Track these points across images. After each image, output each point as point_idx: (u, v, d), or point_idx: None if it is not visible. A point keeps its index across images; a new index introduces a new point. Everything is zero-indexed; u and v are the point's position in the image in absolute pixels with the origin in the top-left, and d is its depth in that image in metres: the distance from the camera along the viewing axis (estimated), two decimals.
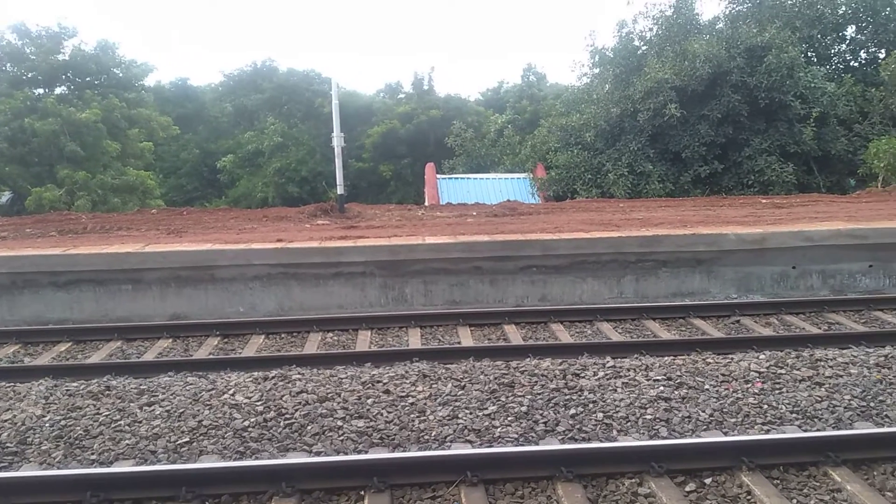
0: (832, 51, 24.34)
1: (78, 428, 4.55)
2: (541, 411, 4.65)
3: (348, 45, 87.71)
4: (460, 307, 8.42)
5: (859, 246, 8.94)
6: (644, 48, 22.30)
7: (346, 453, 4.18)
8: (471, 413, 4.64)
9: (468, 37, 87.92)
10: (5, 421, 4.70)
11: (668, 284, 8.87)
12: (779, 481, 3.84)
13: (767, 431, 4.36)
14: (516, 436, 4.35)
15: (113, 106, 30.30)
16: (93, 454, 4.24)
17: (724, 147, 19.90)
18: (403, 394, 4.97)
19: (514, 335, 7.19)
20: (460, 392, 4.97)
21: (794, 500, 3.66)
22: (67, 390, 5.21)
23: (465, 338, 7.18)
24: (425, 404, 4.79)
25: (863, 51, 24.45)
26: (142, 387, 5.24)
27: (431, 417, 4.59)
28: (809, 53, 23.17)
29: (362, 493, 3.76)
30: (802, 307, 7.98)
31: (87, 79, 32.27)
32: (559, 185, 20.80)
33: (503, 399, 4.84)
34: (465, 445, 4.23)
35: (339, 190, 13.53)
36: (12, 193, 29.37)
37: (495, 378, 5.21)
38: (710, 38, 20.28)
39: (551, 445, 4.12)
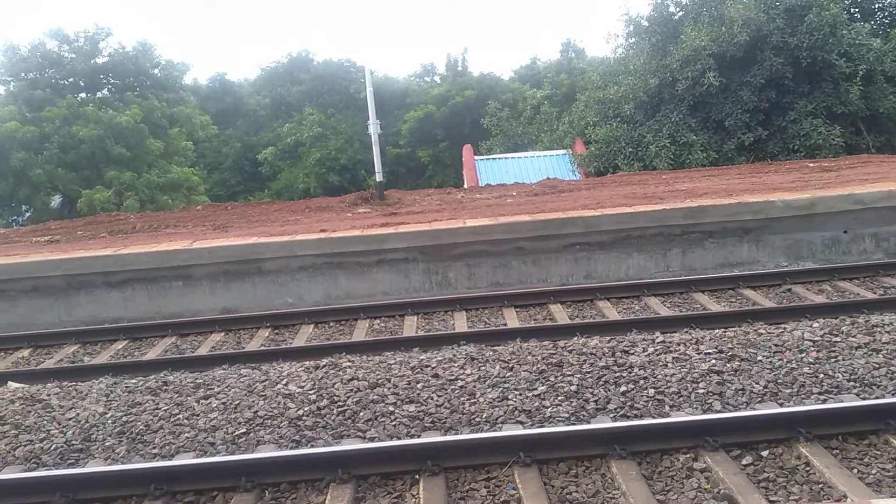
0: (876, 5, 23.43)
1: (139, 423, 4.69)
2: (591, 390, 4.64)
3: (381, 33, 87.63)
4: (504, 289, 8.41)
5: None
6: (680, 14, 21.77)
7: (399, 438, 4.23)
8: (520, 394, 4.64)
9: (500, 14, 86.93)
10: (70, 419, 4.87)
11: (715, 256, 8.72)
12: (838, 451, 3.77)
13: (824, 401, 4.27)
14: (567, 415, 4.34)
15: (153, 107, 30.89)
16: (154, 448, 4.37)
17: (767, 112, 19.37)
18: (452, 377, 4.99)
19: (561, 314, 7.17)
20: (509, 373, 4.98)
21: (855, 470, 3.60)
22: (127, 387, 5.37)
23: (511, 319, 7.18)
24: (474, 387, 4.81)
25: None
26: (198, 380, 5.37)
27: (481, 400, 4.61)
28: (852, 10, 22.34)
29: (417, 476, 3.81)
30: (856, 272, 7.79)
31: (128, 80, 32.90)
32: (599, 161, 20.52)
33: (552, 379, 4.84)
34: (516, 426, 4.25)
35: (378, 177, 13.58)
36: (62, 197, 30.22)
37: (543, 358, 5.20)
38: (747, 1, 19.68)
39: (603, 423, 4.11)
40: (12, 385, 5.82)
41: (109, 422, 4.75)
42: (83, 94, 32.42)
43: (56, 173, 28.55)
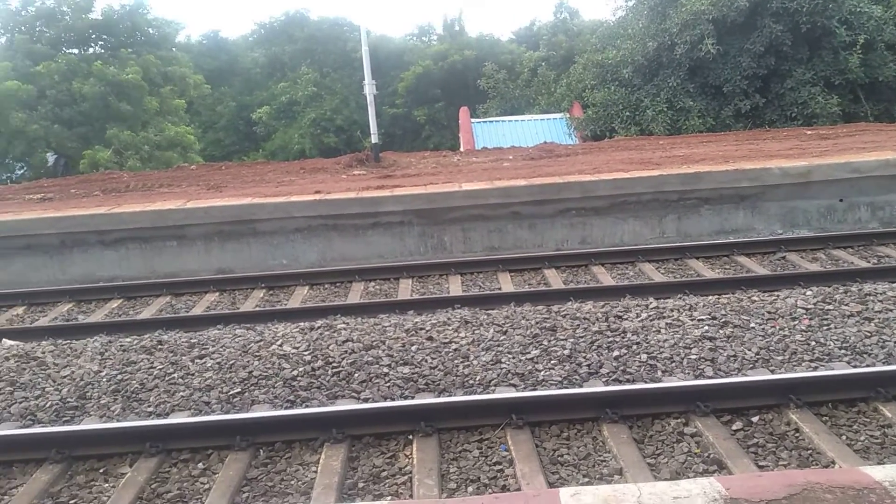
0: None
1: (134, 382, 4.71)
2: (584, 354, 4.67)
3: None
4: (499, 253, 8.42)
5: None
6: None
7: (394, 399, 4.26)
8: (514, 357, 4.67)
9: None
10: (65, 377, 4.89)
11: (710, 222, 8.73)
12: (827, 418, 3.82)
13: (815, 369, 4.31)
14: (560, 379, 4.37)
15: (149, 63, 30.45)
16: (149, 406, 4.40)
17: (765, 79, 19.21)
18: (447, 340, 5.02)
19: (555, 279, 7.19)
20: (503, 337, 5.01)
21: (844, 437, 3.64)
22: (122, 346, 5.38)
23: (506, 283, 7.19)
24: (468, 350, 4.84)
25: None
26: (192, 340, 5.38)
27: (475, 362, 4.64)
28: None
29: (410, 437, 3.85)
30: (850, 241, 7.81)
31: (122, 37, 32.38)
32: (597, 124, 20.38)
33: (545, 343, 4.86)
34: (509, 389, 4.28)
35: (374, 139, 13.47)
36: (56, 155, 29.93)
37: (537, 322, 5.22)
38: None
39: (595, 388, 4.14)
40: (7, 342, 5.83)
41: (104, 380, 4.77)
42: (75, 50, 31.90)
43: (52, 130, 28.21)
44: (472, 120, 24.74)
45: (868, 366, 4.29)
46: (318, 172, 12.48)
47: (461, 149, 21.38)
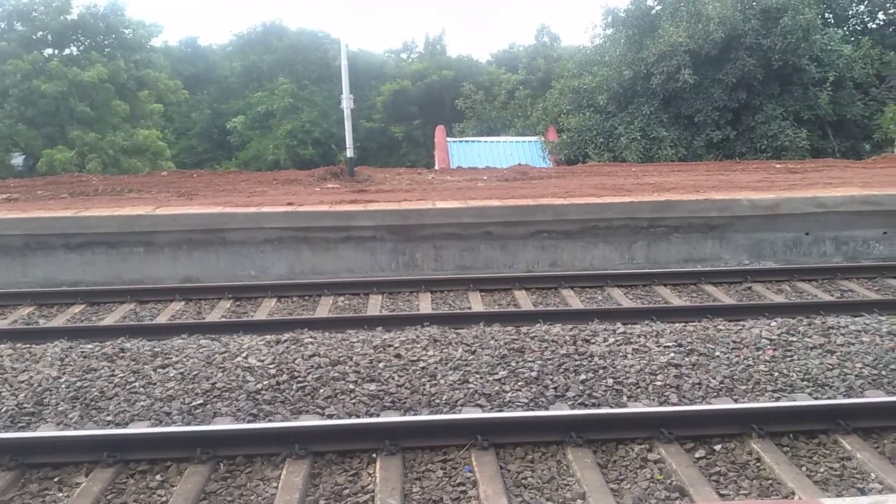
0: (850, 12, 23.80)
1: (93, 389, 4.61)
2: (551, 377, 4.68)
3: (357, 5, 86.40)
4: (471, 272, 8.42)
5: (874, 213, 8.85)
6: (658, 8, 21.88)
7: (359, 416, 4.22)
8: (481, 378, 4.67)
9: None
10: (22, 382, 4.77)
11: (679, 250, 8.83)
12: (788, 449, 3.86)
13: (778, 399, 4.37)
14: (526, 401, 4.37)
15: (118, 68, 30.10)
16: (108, 415, 4.30)
17: (737, 112, 19.63)
18: (414, 358, 5.00)
19: (525, 300, 7.21)
20: (471, 357, 5.00)
21: (804, 468, 3.69)
22: (82, 352, 5.27)
23: (476, 303, 7.19)
24: (436, 368, 4.82)
25: (881, 12, 23.90)
26: (156, 349, 5.29)
27: (442, 381, 4.62)
28: (826, 14, 22.66)
29: (374, 455, 3.81)
30: (815, 274, 7.95)
31: (98, 39, 32.02)
32: (571, 149, 20.62)
33: (513, 364, 4.87)
34: (475, 410, 4.27)
35: (349, 153, 13.43)
36: (24, 156, 29.41)
37: (505, 343, 5.23)
38: None
39: (561, 411, 4.15)
40: None
41: (63, 386, 4.66)
42: (50, 50, 31.47)
43: (17, 129, 27.72)
44: (448, 139, 24.89)
45: (829, 398, 4.36)
46: (291, 184, 12.41)
47: (436, 167, 21.44)
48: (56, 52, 31.58)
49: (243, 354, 5.10)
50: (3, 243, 8.30)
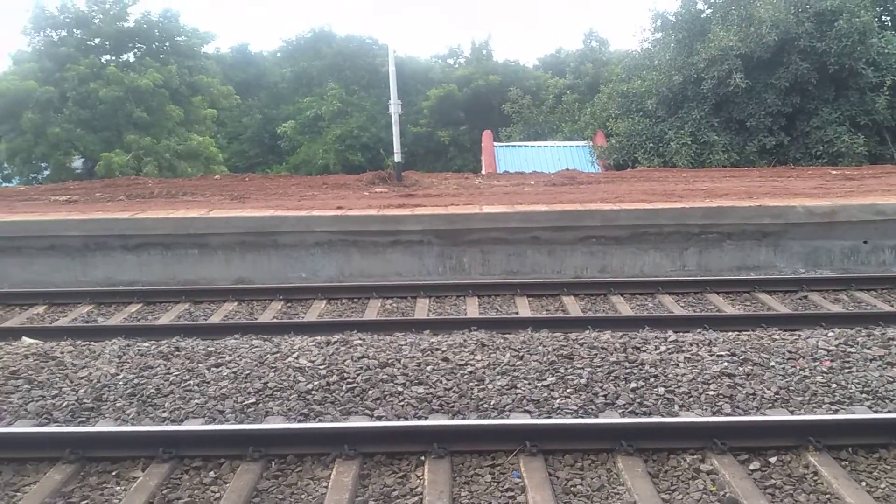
0: None
1: (150, 386, 4.73)
2: (600, 384, 4.63)
3: (406, 12, 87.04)
4: (518, 277, 8.40)
5: None
6: (708, 12, 21.53)
7: (407, 419, 4.24)
8: (529, 383, 4.64)
9: (525, 3, 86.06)
10: (82, 378, 4.91)
11: (732, 257, 8.68)
12: (847, 463, 3.75)
13: (836, 411, 4.25)
14: (575, 408, 4.34)
15: (171, 74, 30.86)
16: (164, 412, 4.40)
17: (790, 117, 19.17)
18: (462, 362, 5.00)
19: (573, 307, 7.16)
20: (519, 362, 4.98)
21: (864, 483, 3.58)
22: (139, 350, 5.41)
23: (523, 308, 7.17)
24: (484, 373, 4.81)
25: None
26: (209, 348, 5.40)
27: (490, 386, 4.61)
28: (884, 17, 21.98)
29: (422, 458, 3.82)
30: (874, 283, 7.72)
31: (153, 45, 32.90)
32: (620, 154, 20.40)
33: (562, 371, 4.83)
34: (524, 415, 4.25)
35: (397, 158, 13.56)
36: (84, 159, 30.34)
37: (554, 349, 5.19)
38: (776, 2, 19.42)
39: (612, 419, 4.11)
40: (27, 340, 5.88)
41: (121, 383, 4.79)
42: (107, 56, 32.44)
43: (76, 133, 28.61)
44: (495, 144, 24.87)
45: (890, 411, 4.22)
46: (340, 188, 12.56)
47: (483, 171, 21.45)
48: (113, 57, 32.53)
49: (294, 355, 5.17)
50: (63, 244, 8.58)
